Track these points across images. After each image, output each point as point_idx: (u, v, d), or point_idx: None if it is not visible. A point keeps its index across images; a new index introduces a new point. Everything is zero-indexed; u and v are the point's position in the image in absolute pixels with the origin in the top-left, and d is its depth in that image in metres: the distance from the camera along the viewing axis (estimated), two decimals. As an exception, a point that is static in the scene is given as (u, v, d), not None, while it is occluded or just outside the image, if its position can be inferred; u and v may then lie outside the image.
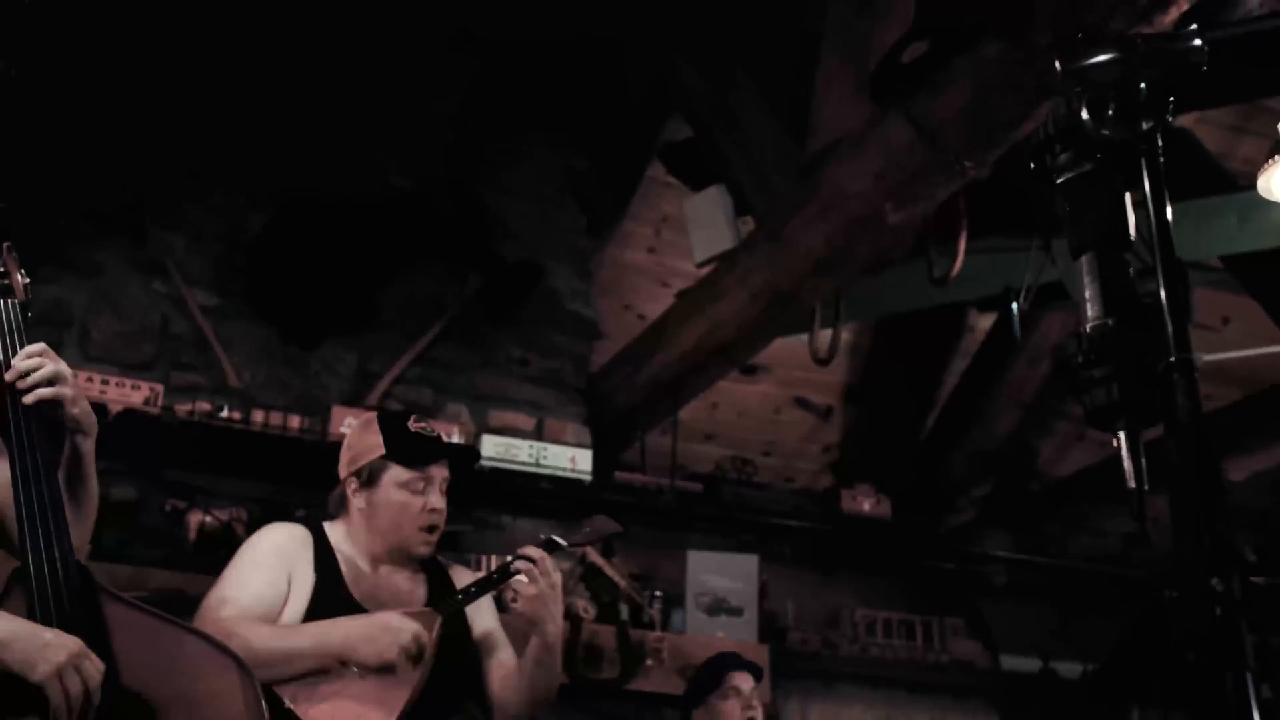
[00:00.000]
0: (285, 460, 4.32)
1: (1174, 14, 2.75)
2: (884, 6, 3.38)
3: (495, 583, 2.54)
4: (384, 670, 2.35)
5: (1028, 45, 2.97)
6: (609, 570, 4.54)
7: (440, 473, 2.62)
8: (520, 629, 2.59)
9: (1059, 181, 1.29)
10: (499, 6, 4.35)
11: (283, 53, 4.53)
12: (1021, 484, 6.00)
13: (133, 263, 4.53)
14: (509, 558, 2.53)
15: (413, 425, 2.64)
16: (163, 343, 4.49)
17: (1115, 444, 1.19)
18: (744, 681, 3.56)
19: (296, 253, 4.57)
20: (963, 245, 3.76)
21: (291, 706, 2.27)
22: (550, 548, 2.59)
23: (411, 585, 2.62)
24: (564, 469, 4.57)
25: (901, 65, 3.46)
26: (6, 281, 2.16)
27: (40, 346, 2.10)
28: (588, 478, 4.62)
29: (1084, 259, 1.24)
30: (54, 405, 2.07)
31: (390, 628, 2.37)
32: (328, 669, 2.34)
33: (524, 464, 4.53)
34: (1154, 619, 5.00)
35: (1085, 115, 1.20)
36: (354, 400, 4.58)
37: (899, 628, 5.45)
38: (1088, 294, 1.22)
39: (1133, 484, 1.17)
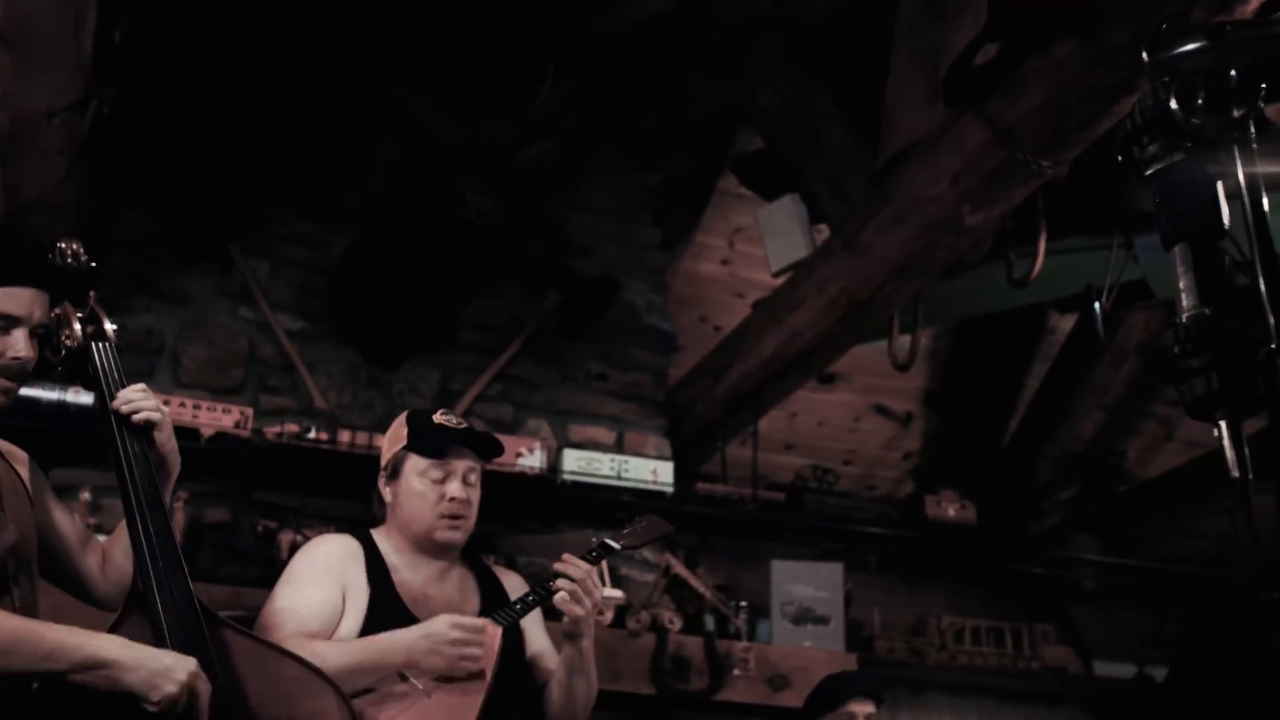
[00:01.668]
0: (372, 479, 4.38)
1: (1255, 2, 2.71)
2: (954, 9, 3.37)
3: (542, 599, 2.51)
4: (448, 680, 2.35)
5: (1103, 42, 2.94)
6: (693, 581, 4.55)
7: (463, 464, 2.60)
8: (557, 635, 2.59)
9: (1148, 173, 1.28)
10: (579, 26, 4.40)
11: (360, 76, 4.62)
12: (1109, 487, 5.90)
13: (220, 290, 4.65)
14: (554, 568, 2.50)
15: (437, 418, 2.64)
16: (250, 367, 4.60)
17: (1216, 434, 1.19)
18: (860, 708, 3.47)
19: (377, 275, 4.65)
20: (1042, 245, 3.73)
21: None
22: (604, 551, 2.58)
23: (463, 592, 2.62)
24: (645, 481, 4.59)
25: (974, 68, 3.45)
26: (101, 327, 2.28)
27: (143, 386, 2.24)
28: (670, 490, 4.64)
29: (1178, 249, 1.23)
30: (151, 435, 2.21)
31: (451, 639, 2.36)
32: (395, 687, 2.35)
33: (606, 477, 4.56)
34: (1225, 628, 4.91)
35: (1174, 105, 1.19)
36: (437, 419, 4.64)
37: (987, 634, 5.39)
38: (1183, 284, 1.22)
39: (1235, 473, 1.16)
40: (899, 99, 3.81)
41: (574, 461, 4.55)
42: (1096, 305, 4.15)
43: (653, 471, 4.64)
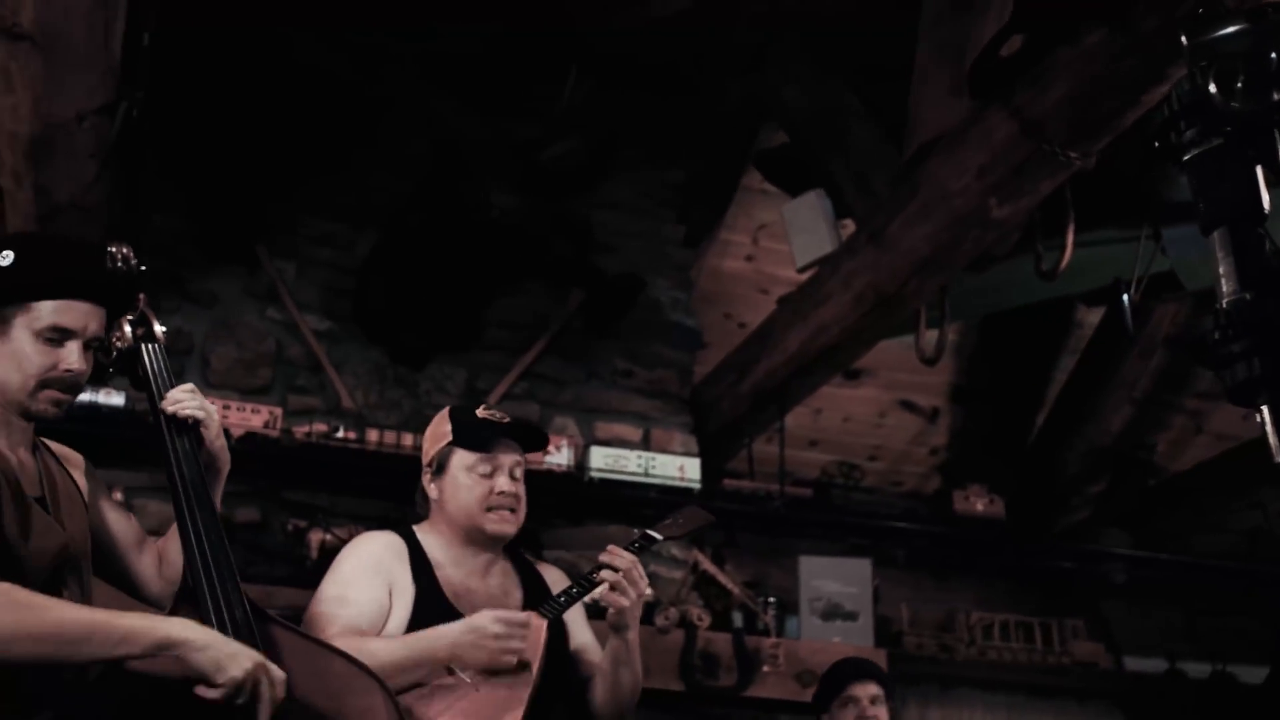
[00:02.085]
0: (401, 477, 4.40)
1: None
2: (979, 1, 3.36)
3: (586, 590, 2.52)
4: (495, 673, 2.37)
5: (1132, 31, 2.92)
6: (721, 578, 4.54)
7: (509, 457, 2.61)
8: (600, 629, 2.60)
9: (1186, 158, 1.27)
10: (601, 25, 4.41)
11: (383, 75, 4.64)
12: (1138, 481, 5.87)
13: (247, 291, 4.67)
14: (599, 560, 2.51)
15: (481, 412, 2.65)
16: (278, 367, 4.62)
17: (1258, 419, 1.18)
18: (862, 690, 3.52)
19: (402, 275, 4.67)
20: (1070, 237, 3.70)
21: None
22: (646, 542, 2.59)
23: (506, 585, 2.63)
24: (673, 478, 4.59)
25: (1000, 59, 3.43)
26: (151, 329, 2.31)
27: (191, 386, 2.28)
28: (697, 486, 4.64)
29: (1216, 235, 1.22)
30: (200, 434, 2.24)
31: (493, 633, 2.37)
32: (443, 680, 2.37)
33: (633, 474, 4.57)
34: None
35: (1213, 89, 1.18)
36: (464, 417, 4.66)
37: (1016, 630, 5.36)
38: (1222, 270, 1.21)
39: (1279, 459, 1.15)
40: (924, 92, 3.80)
41: (601, 459, 4.56)
42: (1125, 297, 4.12)
43: (680, 468, 4.64)
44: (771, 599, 4.62)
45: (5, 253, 2.07)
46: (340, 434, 4.41)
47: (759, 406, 4.95)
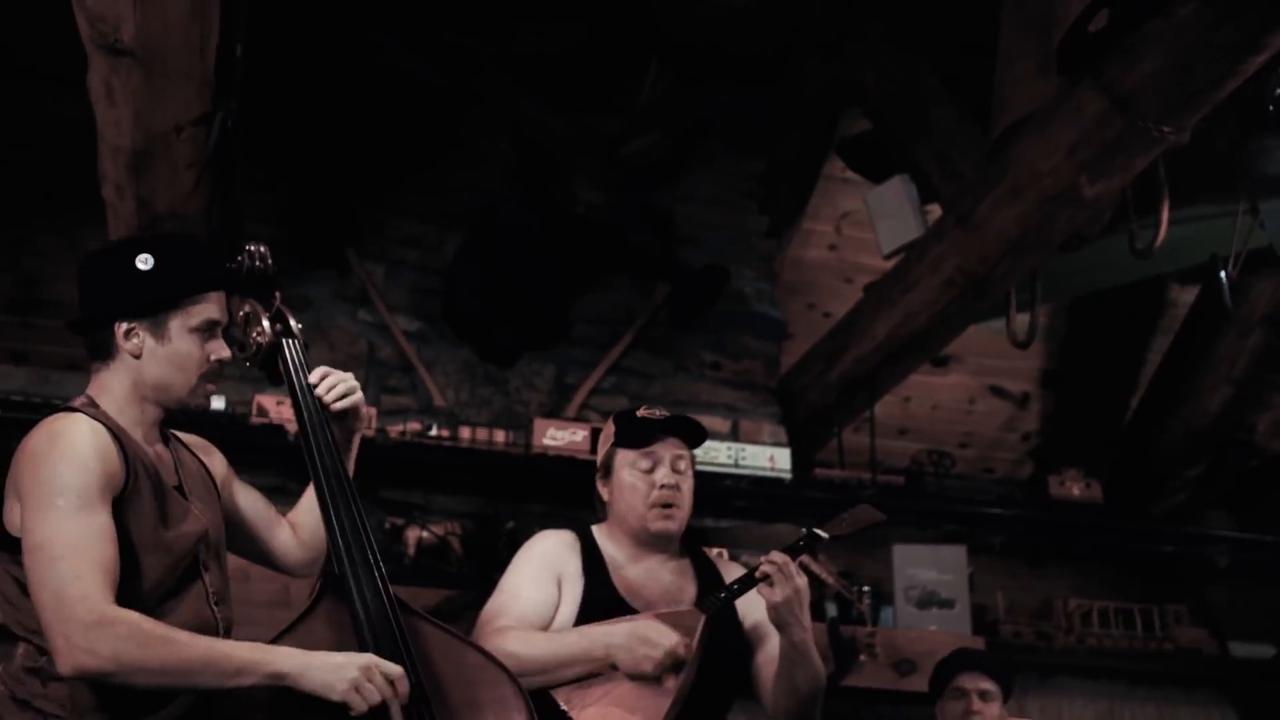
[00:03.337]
0: (494, 473, 4.47)
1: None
2: (1065, -23, 3.31)
3: (746, 587, 2.52)
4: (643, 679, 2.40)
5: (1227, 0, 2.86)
6: (815, 567, 4.52)
7: (668, 451, 2.62)
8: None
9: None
10: (681, 16, 4.42)
11: (467, 76, 4.70)
12: (1238, 462, 5.73)
13: (339, 294, 4.76)
14: (760, 560, 2.50)
15: (641, 411, 2.69)
16: (371, 368, 4.70)
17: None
18: (971, 682, 3.47)
19: (489, 274, 4.72)
20: (1165, 214, 3.63)
21: (566, 709, 2.35)
22: (813, 539, 2.59)
23: (680, 582, 2.64)
24: (763, 469, 4.59)
25: (1088, 35, 3.38)
26: (288, 325, 2.37)
27: (343, 375, 2.34)
28: (787, 476, 4.63)
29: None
30: (349, 423, 2.33)
31: (647, 640, 2.39)
32: (599, 672, 2.41)
33: (723, 465, 4.57)
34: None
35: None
36: (554, 412, 4.71)
37: (1116, 616, 5.26)
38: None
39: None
40: (1009, 72, 3.75)
41: (691, 451, 4.55)
42: (1223, 274, 4.03)
43: (770, 458, 4.63)
44: (866, 588, 4.59)
45: (143, 257, 2.11)
46: (433, 432, 4.48)
47: (847, 395, 4.92)
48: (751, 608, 2.60)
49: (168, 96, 3.25)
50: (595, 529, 2.70)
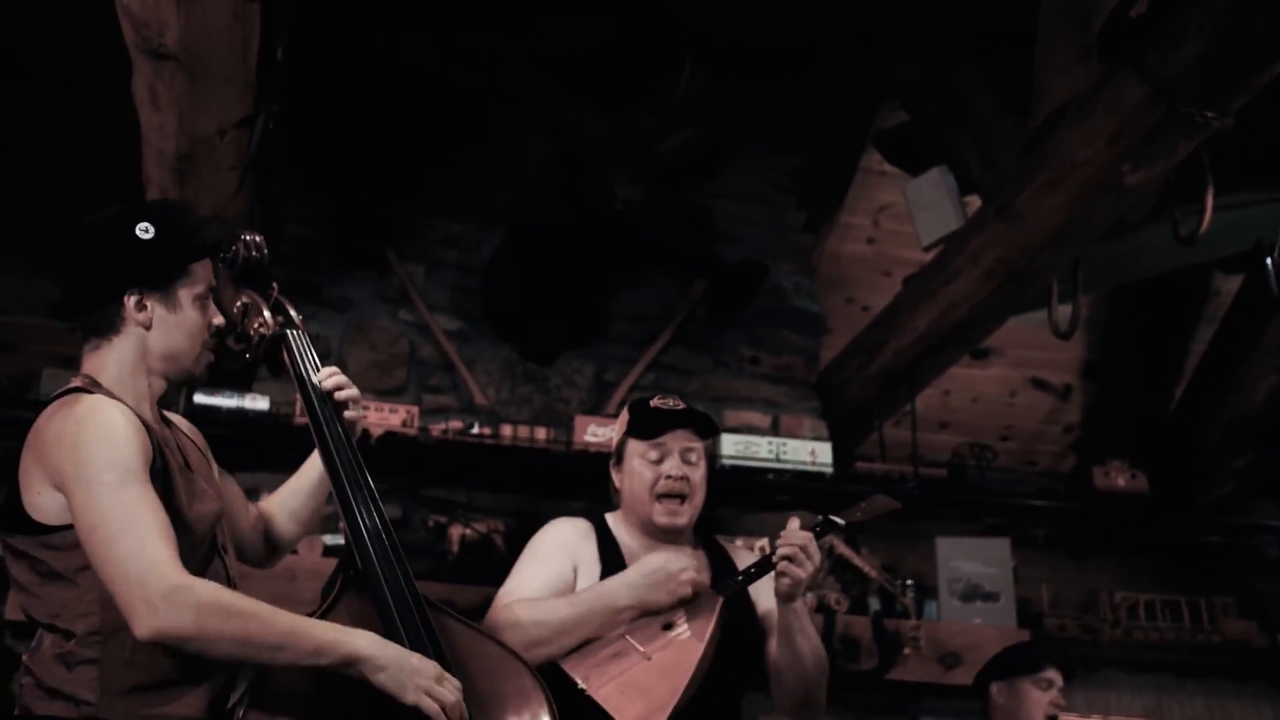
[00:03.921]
0: (535, 471, 4.49)
1: None
2: (1105, -36, 3.29)
3: (764, 570, 2.55)
4: (674, 623, 2.44)
5: (1270, -18, 2.83)
6: (858, 561, 4.52)
7: (678, 442, 2.64)
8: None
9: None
10: (714, 11, 4.42)
11: (503, 78, 4.72)
12: (1287, 451, 5.65)
13: (379, 295, 4.79)
14: (777, 541, 2.53)
15: (654, 402, 2.70)
16: (412, 368, 4.73)
17: None
18: (1058, 678, 3.45)
19: (528, 272, 4.74)
20: (1209, 200, 3.60)
21: (583, 686, 2.36)
22: (829, 526, 2.61)
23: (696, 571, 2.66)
24: (804, 463, 4.58)
25: (1129, 21, 3.36)
26: (289, 315, 2.35)
27: (335, 368, 2.31)
28: (829, 470, 4.61)
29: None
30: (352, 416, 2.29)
31: (664, 570, 2.44)
32: (614, 648, 2.42)
33: (764, 460, 4.56)
34: None
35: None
36: (594, 409, 4.73)
37: (1163, 609, 5.20)
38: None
39: None
40: (1048, 60, 3.73)
41: (731, 446, 4.56)
42: (1268, 261, 3.99)
43: (811, 453, 4.62)
44: (909, 581, 4.57)
45: (143, 226, 2.06)
46: (475, 430, 4.50)
47: (888, 389, 4.91)
48: (764, 595, 2.62)
49: (211, 100, 3.29)
50: (609, 517, 2.72)
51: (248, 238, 2.30)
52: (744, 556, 2.76)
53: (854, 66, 4.81)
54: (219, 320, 2.16)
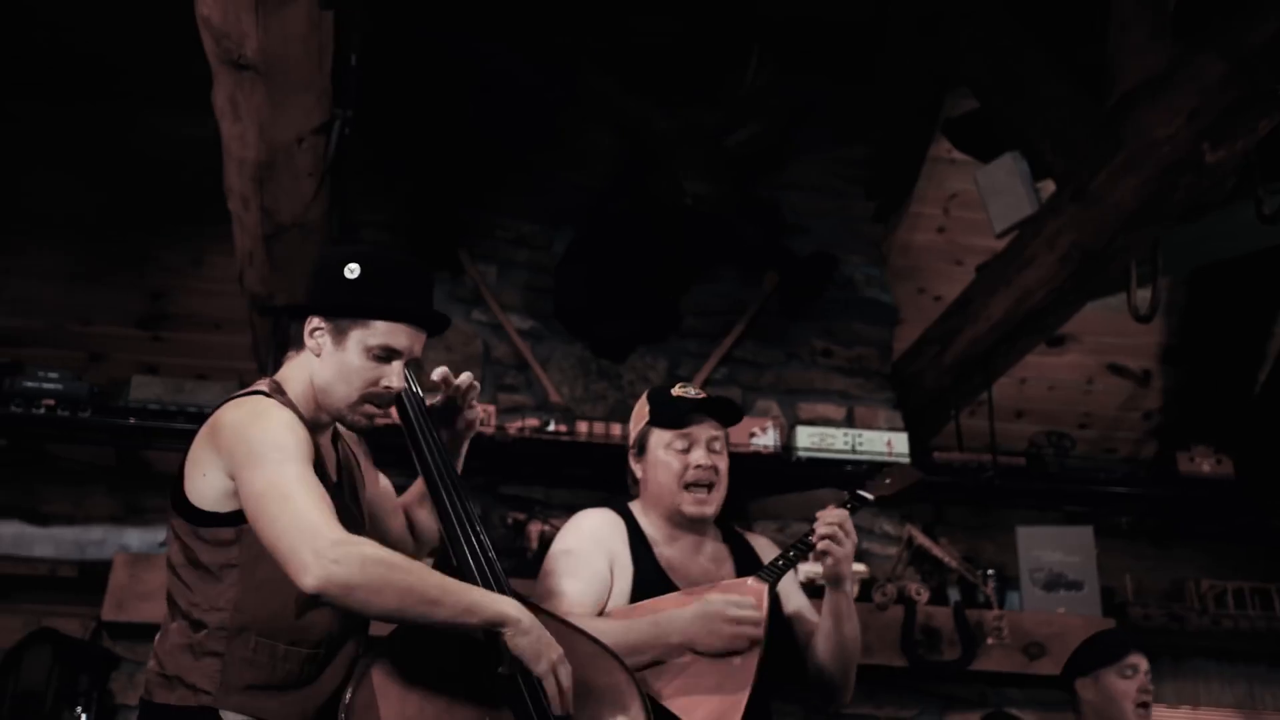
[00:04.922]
0: (611, 466, 4.50)
1: None
2: (1181, -59, 3.24)
3: (804, 552, 2.54)
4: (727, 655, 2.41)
5: (1353, -48, 2.78)
6: (937, 551, 4.49)
7: (704, 432, 2.62)
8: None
9: None
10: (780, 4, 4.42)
11: (573, 78, 4.75)
12: (1377, 433, 5.52)
13: (453, 296, 4.84)
14: (813, 524, 2.53)
15: (676, 390, 2.68)
16: (487, 367, 4.78)
17: None
18: (1142, 663, 3.39)
19: (599, 269, 4.77)
20: (1293, 177, 3.53)
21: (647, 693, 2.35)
22: (857, 502, 2.60)
23: (718, 561, 2.65)
24: (881, 454, 4.55)
25: (1206, -2, 3.31)
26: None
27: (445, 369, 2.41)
28: (906, 460, 4.58)
29: None
30: (451, 418, 2.43)
31: (724, 616, 2.40)
32: (669, 657, 2.41)
33: (840, 452, 4.55)
34: None
35: None
36: (668, 405, 4.73)
37: (1253, 597, 5.10)
38: None
39: None
40: (1123, 38, 3.69)
41: (807, 438, 4.56)
42: (1355, 237, 3.90)
43: (887, 443, 4.60)
44: (990, 571, 4.53)
45: (351, 266, 2.15)
46: (551, 428, 4.54)
47: (963, 378, 4.87)
48: (787, 584, 2.62)
49: (289, 107, 3.35)
50: (633, 506, 2.70)
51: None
52: (761, 543, 2.75)
53: (922, 53, 4.78)
54: (393, 384, 2.17)
